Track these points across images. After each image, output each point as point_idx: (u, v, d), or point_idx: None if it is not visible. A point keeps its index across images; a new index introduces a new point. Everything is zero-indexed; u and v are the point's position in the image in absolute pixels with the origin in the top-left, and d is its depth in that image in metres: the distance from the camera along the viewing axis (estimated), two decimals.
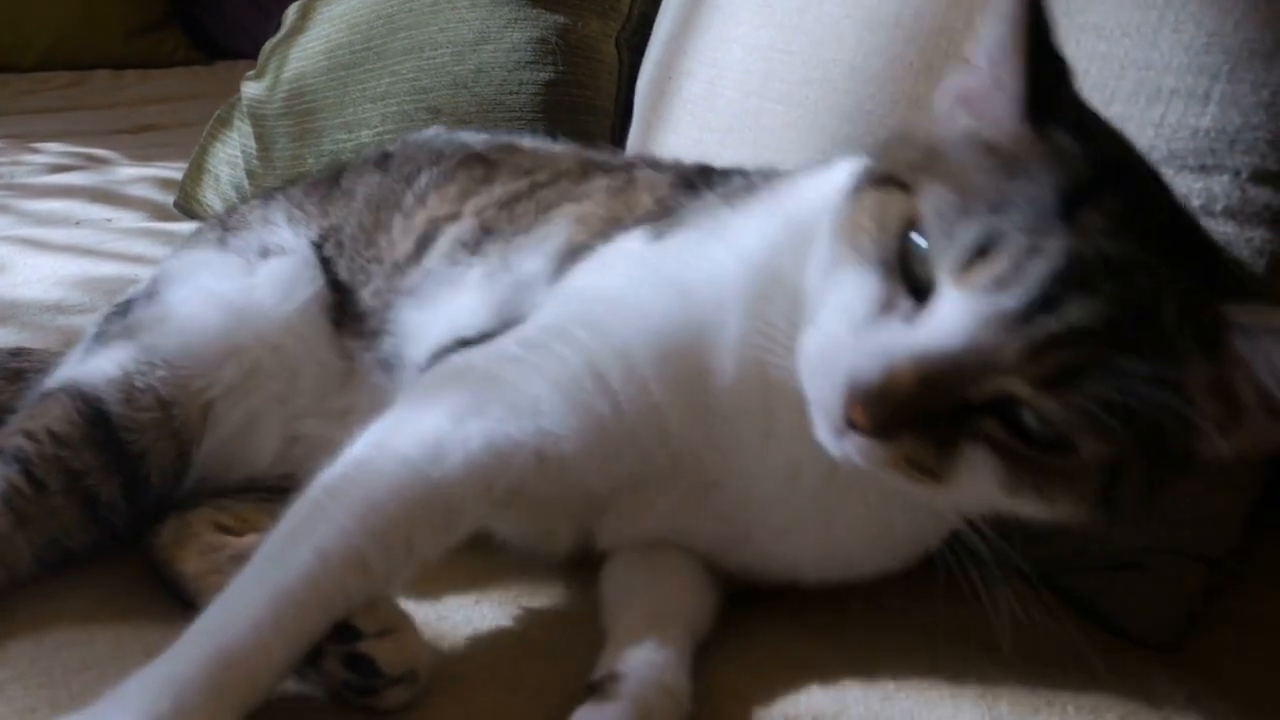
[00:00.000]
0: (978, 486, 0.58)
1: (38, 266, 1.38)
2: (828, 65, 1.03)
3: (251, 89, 1.64)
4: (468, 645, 0.73)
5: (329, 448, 0.79)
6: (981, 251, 0.55)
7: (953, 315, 0.55)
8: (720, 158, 1.10)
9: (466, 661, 0.71)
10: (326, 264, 0.92)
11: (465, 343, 0.77)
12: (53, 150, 2.09)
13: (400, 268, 0.88)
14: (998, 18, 0.60)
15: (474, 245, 0.85)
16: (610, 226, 0.79)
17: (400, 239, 0.90)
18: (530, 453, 0.67)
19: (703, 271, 0.69)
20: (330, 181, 1.00)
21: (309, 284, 0.89)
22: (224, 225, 1.00)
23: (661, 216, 0.77)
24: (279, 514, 0.79)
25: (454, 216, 0.89)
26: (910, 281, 0.58)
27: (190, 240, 1.04)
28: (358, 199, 0.95)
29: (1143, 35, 0.83)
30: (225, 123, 1.69)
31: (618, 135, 1.40)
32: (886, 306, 0.58)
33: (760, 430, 0.69)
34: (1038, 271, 0.54)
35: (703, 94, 1.18)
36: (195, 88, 2.72)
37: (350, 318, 0.89)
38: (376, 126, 1.47)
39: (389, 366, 0.85)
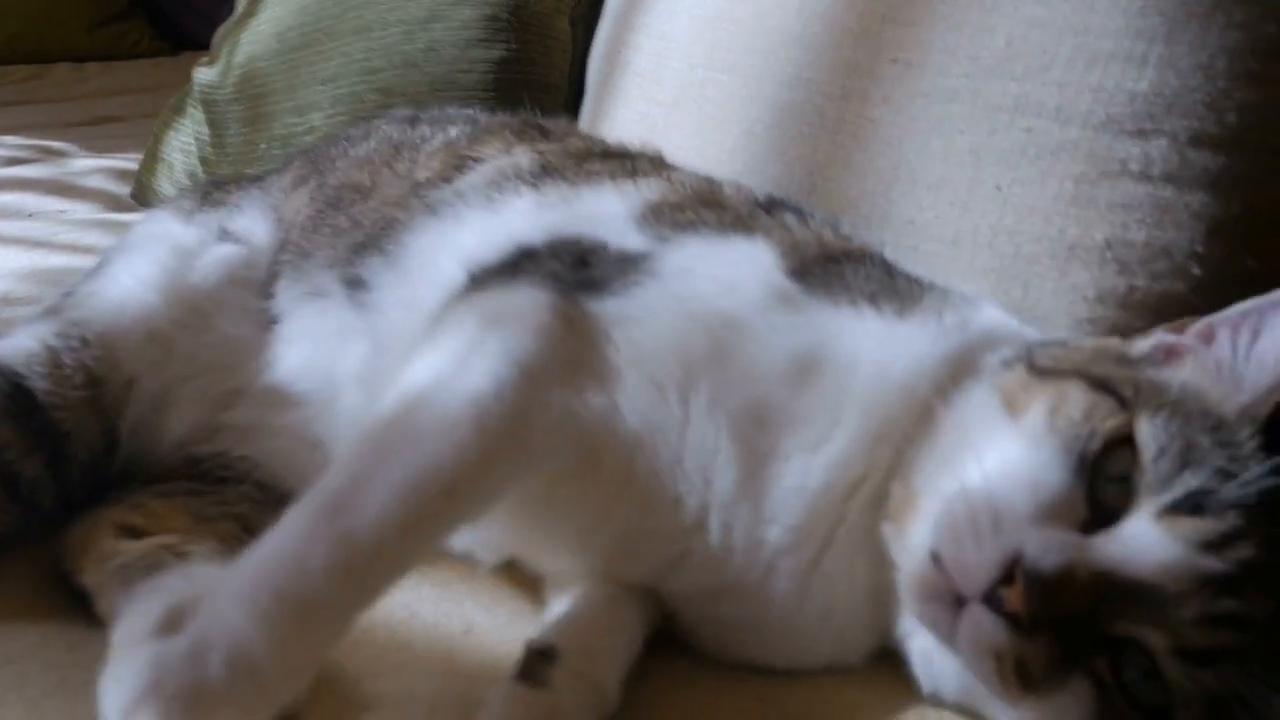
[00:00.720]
0: (1056, 717, 0.57)
1: None
2: (770, 33, 1.01)
3: (203, 75, 1.62)
4: (406, 630, 0.72)
5: (251, 427, 0.79)
6: (1196, 508, 0.56)
7: (1150, 549, 0.55)
8: (667, 131, 1.10)
9: (404, 649, 0.71)
10: (279, 216, 0.92)
11: (525, 254, 0.74)
12: (8, 143, 2.05)
13: (421, 187, 0.87)
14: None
15: (530, 178, 0.84)
16: (707, 209, 0.78)
17: (426, 163, 0.90)
18: (583, 433, 0.65)
19: (836, 363, 0.66)
20: (333, 141, 1.02)
21: (244, 270, 0.89)
22: (204, 195, 1.00)
23: (760, 232, 0.74)
24: (200, 512, 0.79)
25: (503, 152, 0.88)
26: (1091, 493, 0.58)
27: (168, 202, 1.04)
28: (369, 141, 0.97)
29: None
30: (179, 110, 1.67)
31: (571, 113, 1.39)
32: (1068, 503, 0.58)
33: (808, 558, 0.65)
34: (1244, 553, 0.55)
35: (650, 67, 1.17)
36: (159, 79, 2.67)
37: (313, 255, 0.87)
38: (327, 109, 1.45)
39: (359, 284, 0.83)
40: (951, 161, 0.87)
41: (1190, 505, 0.56)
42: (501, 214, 0.81)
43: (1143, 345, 0.67)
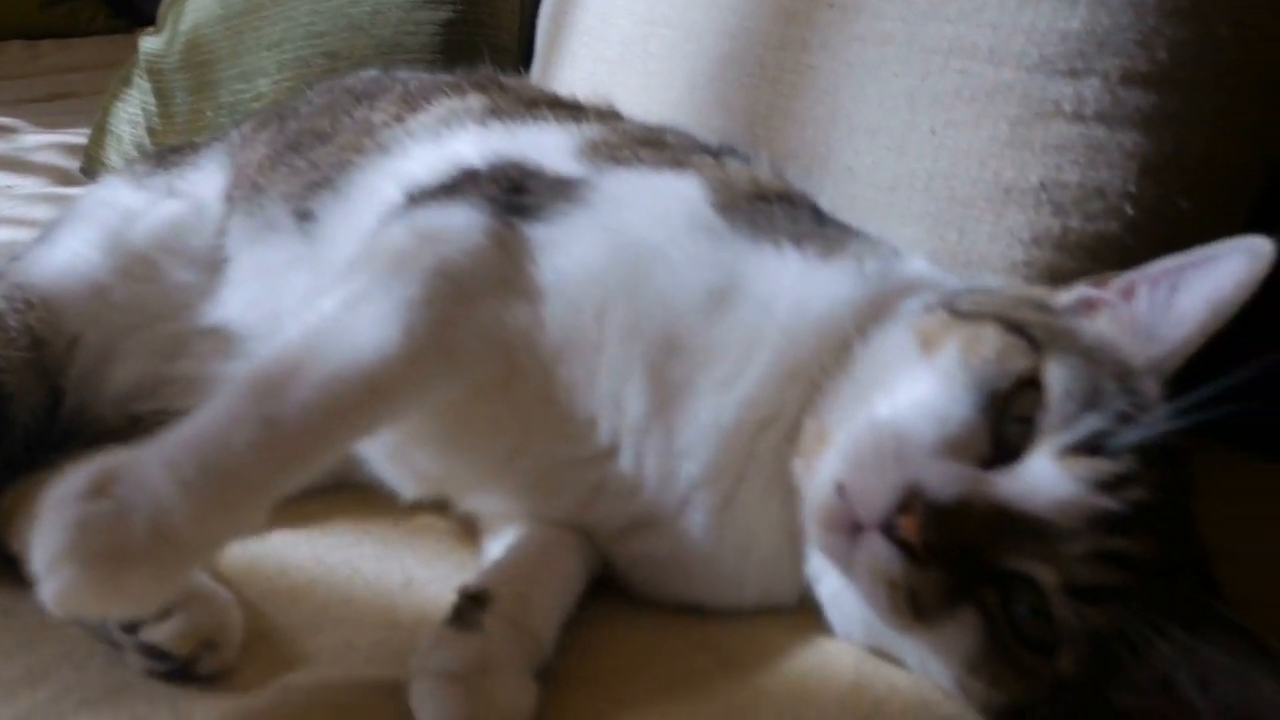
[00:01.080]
0: (948, 648, 0.58)
1: None
2: None
3: (149, 44, 1.60)
4: (348, 586, 0.72)
5: (193, 378, 0.80)
6: (1094, 448, 0.56)
7: (1047, 485, 0.56)
8: (613, 88, 1.09)
9: (345, 604, 0.71)
10: (236, 161, 0.93)
11: (465, 176, 0.75)
12: None
13: (375, 129, 0.89)
14: (1204, 302, 0.62)
15: (479, 117, 0.86)
16: (646, 149, 0.79)
17: (384, 108, 0.92)
18: (506, 345, 0.67)
19: (752, 299, 0.66)
20: (296, 95, 1.05)
21: (192, 220, 0.89)
22: (160, 159, 1.00)
23: (693, 169, 0.75)
24: None
25: (457, 97, 0.90)
26: (996, 430, 0.58)
27: (121, 168, 1.05)
28: (333, 94, 0.99)
29: None
30: (126, 82, 1.64)
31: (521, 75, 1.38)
32: (973, 438, 0.58)
33: (723, 493, 0.66)
34: (1137, 494, 0.56)
35: (596, 25, 1.16)
36: (114, 56, 2.61)
37: (267, 190, 0.88)
38: (273, 75, 1.43)
39: (309, 216, 0.84)
40: (887, 106, 0.87)
41: (1089, 446, 0.57)
42: (447, 145, 0.83)
43: (1065, 297, 0.68)
